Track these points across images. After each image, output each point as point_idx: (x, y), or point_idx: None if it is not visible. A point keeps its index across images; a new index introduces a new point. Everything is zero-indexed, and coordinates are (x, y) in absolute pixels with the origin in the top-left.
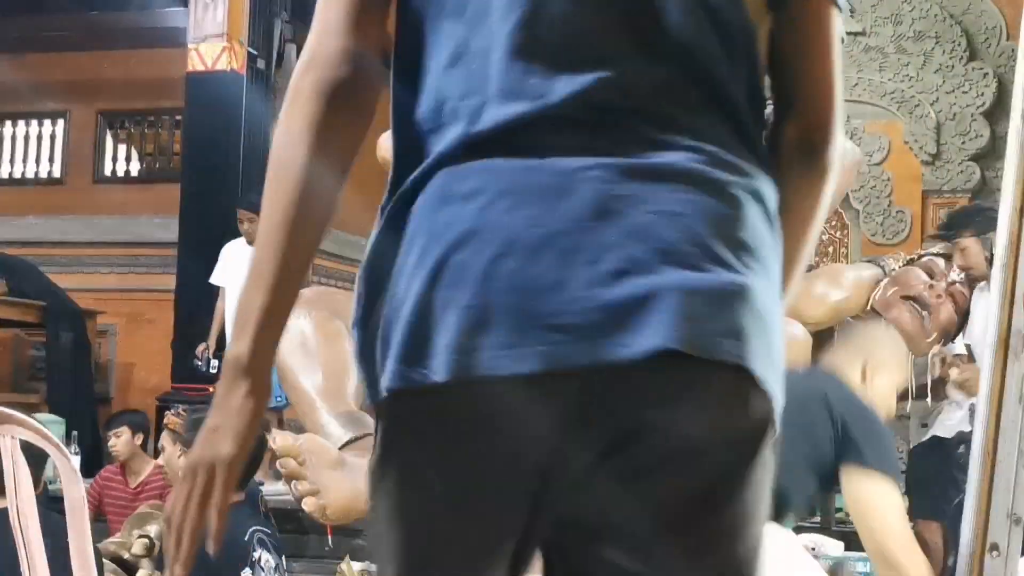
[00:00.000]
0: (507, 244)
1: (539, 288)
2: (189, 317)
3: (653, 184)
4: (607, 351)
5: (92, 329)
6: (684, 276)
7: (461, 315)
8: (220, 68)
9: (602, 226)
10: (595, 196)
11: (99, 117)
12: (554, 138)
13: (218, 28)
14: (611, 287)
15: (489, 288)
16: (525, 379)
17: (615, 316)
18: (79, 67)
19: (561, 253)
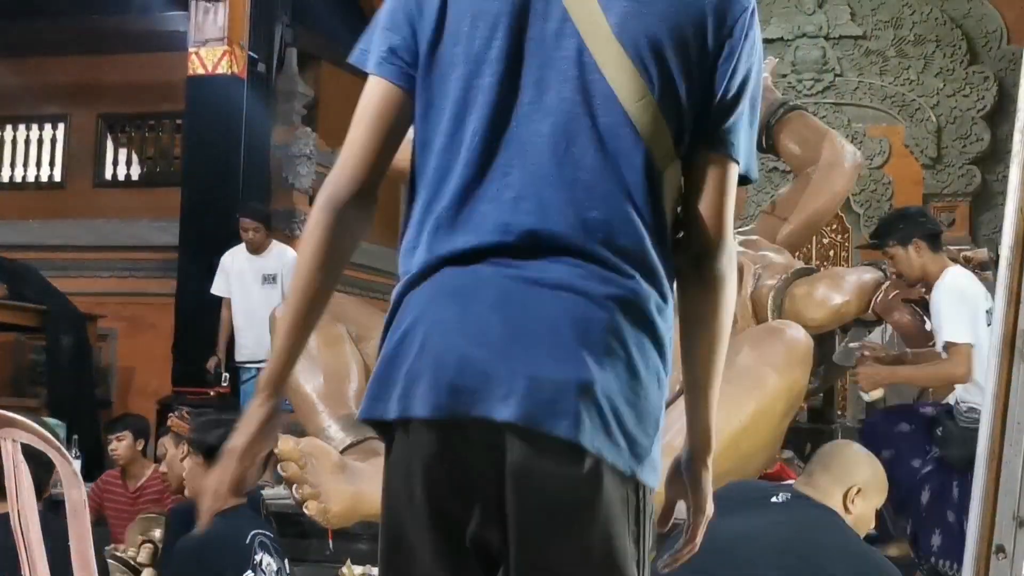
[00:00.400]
0: (434, 328)
1: (448, 360)
2: (189, 321)
3: (540, 290)
4: (477, 410)
5: (93, 333)
6: (537, 367)
7: (405, 374)
8: (221, 72)
9: (495, 319)
10: (496, 298)
11: (99, 121)
12: (481, 258)
13: (219, 32)
14: (489, 365)
15: (420, 356)
16: (432, 422)
17: (487, 385)
18: (79, 71)
19: (465, 336)
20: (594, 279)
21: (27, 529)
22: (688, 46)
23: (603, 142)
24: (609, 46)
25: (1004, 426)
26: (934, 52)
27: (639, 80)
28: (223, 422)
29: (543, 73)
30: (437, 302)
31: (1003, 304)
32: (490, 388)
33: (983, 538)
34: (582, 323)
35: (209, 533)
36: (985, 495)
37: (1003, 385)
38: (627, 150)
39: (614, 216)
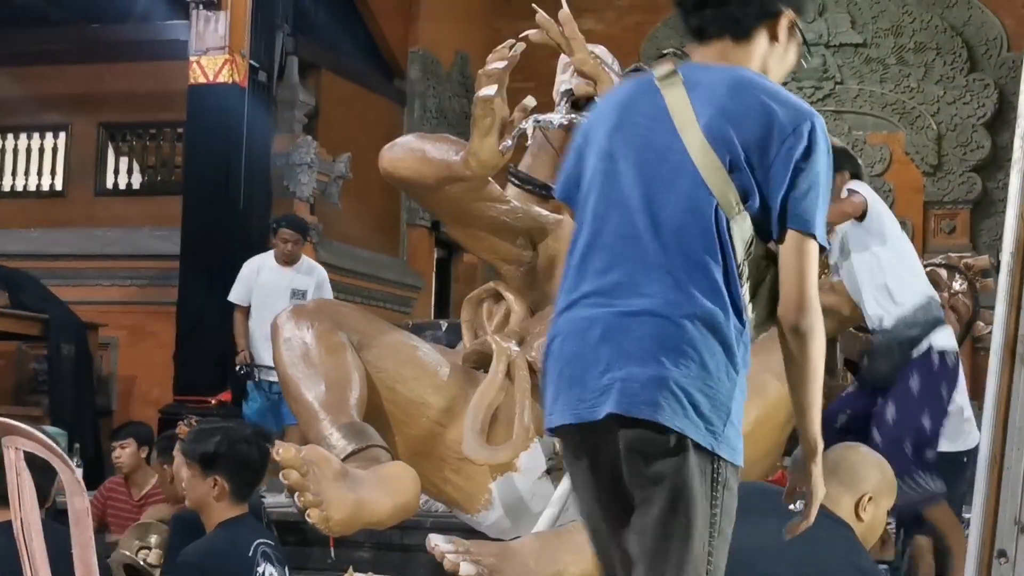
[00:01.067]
0: (563, 359)
1: (574, 378)
2: (190, 330)
3: (630, 319)
4: (594, 413)
5: (94, 342)
6: (628, 371)
7: (549, 395)
8: (222, 81)
9: (602, 345)
10: (603, 329)
11: (101, 130)
12: (588, 301)
13: (220, 41)
14: (599, 379)
15: (555, 378)
16: (572, 425)
17: (596, 390)
18: (81, 80)
19: (581, 362)
20: (671, 305)
21: (30, 537)
22: (755, 141)
23: (684, 200)
24: (696, 134)
25: (1005, 431)
26: (934, 60)
27: (714, 156)
28: (218, 430)
29: (643, 155)
30: (562, 335)
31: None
32: (598, 392)
33: (985, 543)
34: (661, 338)
35: (212, 543)
36: (987, 500)
37: (1004, 390)
38: (702, 205)
39: (691, 255)
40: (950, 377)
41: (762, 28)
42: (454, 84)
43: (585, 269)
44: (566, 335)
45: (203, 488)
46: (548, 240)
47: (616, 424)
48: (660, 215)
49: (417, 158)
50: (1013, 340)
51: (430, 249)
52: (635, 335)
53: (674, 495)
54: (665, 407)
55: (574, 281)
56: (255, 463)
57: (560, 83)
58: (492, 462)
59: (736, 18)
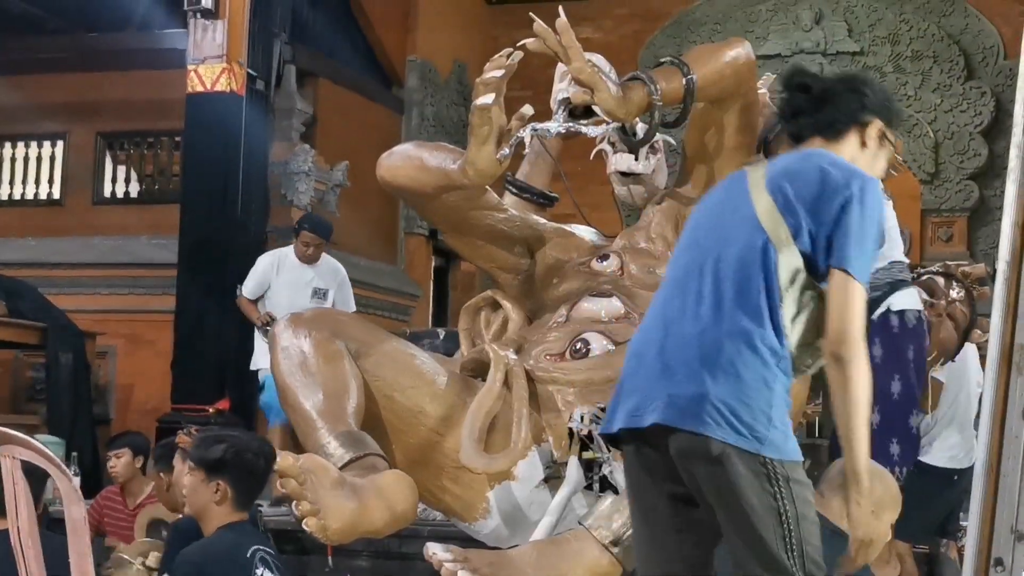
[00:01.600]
0: (626, 375)
1: (631, 390)
2: (188, 338)
3: (681, 341)
4: (643, 421)
5: (91, 350)
6: (674, 387)
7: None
8: (219, 89)
9: (659, 365)
10: (657, 349)
11: (98, 138)
12: (652, 325)
13: (217, 49)
14: (651, 392)
15: (618, 391)
16: (627, 430)
17: (647, 404)
18: (78, 88)
19: (638, 378)
20: (715, 327)
21: (26, 545)
22: (809, 191)
23: (744, 239)
24: (761, 187)
25: (1002, 440)
26: (931, 68)
27: (769, 199)
28: (224, 438)
29: (723, 213)
30: (628, 354)
31: (1000, 318)
32: (648, 405)
33: (982, 551)
34: (703, 357)
35: (212, 544)
36: (983, 508)
37: (1001, 398)
38: (755, 240)
39: (739, 282)
40: (913, 336)
41: (852, 133)
42: (452, 93)
43: (657, 299)
44: (630, 355)
45: (206, 493)
46: (546, 248)
47: (664, 434)
48: (724, 253)
49: (415, 166)
50: (1009, 349)
51: (428, 257)
52: (683, 355)
53: (727, 496)
54: (708, 420)
55: (648, 308)
56: (260, 472)
57: (557, 92)
58: (490, 470)
59: (828, 122)
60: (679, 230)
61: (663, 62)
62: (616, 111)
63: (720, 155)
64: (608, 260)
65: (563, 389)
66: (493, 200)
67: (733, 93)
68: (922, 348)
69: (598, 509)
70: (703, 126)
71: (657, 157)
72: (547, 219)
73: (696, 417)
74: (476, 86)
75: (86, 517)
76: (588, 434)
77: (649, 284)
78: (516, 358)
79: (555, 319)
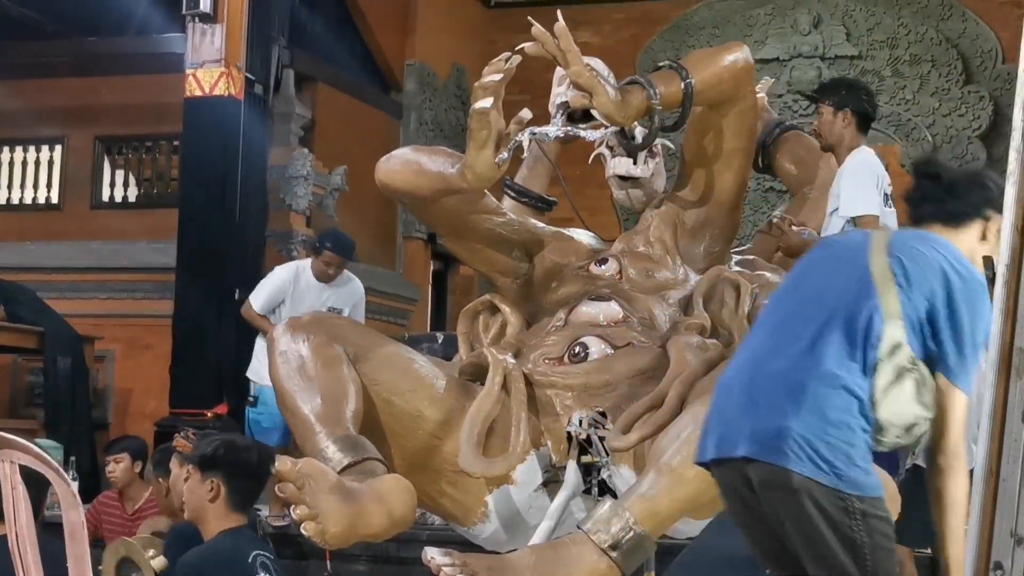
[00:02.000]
0: (716, 406)
1: (720, 421)
2: (187, 342)
3: (769, 378)
4: (732, 452)
5: (90, 355)
6: (761, 422)
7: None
8: (218, 94)
9: (744, 399)
10: (748, 384)
11: (97, 143)
12: (745, 359)
13: (216, 54)
14: (739, 425)
15: (708, 419)
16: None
17: (736, 436)
18: (77, 93)
19: (726, 410)
20: (802, 368)
21: (24, 551)
22: (929, 287)
23: (852, 292)
24: (881, 251)
25: (1002, 444)
26: (929, 72)
27: (887, 267)
28: (219, 437)
29: (833, 261)
30: (720, 386)
31: (1000, 322)
32: (735, 437)
33: (981, 555)
34: (790, 394)
35: (212, 548)
36: (983, 513)
37: (1000, 402)
38: (863, 299)
39: (841, 331)
40: None
41: (974, 225)
42: (450, 97)
43: (751, 338)
44: (720, 388)
45: (201, 491)
46: (544, 252)
47: (749, 464)
48: (829, 303)
49: (413, 170)
50: (1008, 352)
51: (426, 261)
52: (770, 391)
53: (806, 526)
54: (789, 454)
55: (741, 345)
56: (253, 469)
57: (556, 96)
58: (488, 474)
59: (951, 212)
60: (678, 234)
61: (661, 66)
62: (615, 115)
63: (719, 159)
64: (606, 264)
65: (561, 393)
66: (491, 204)
67: (732, 97)
68: None
69: (597, 513)
70: (701, 130)
71: (656, 161)
72: (545, 223)
73: (778, 451)
74: (474, 90)
75: (84, 522)
76: (587, 438)
77: (647, 288)
78: (514, 362)
79: (553, 323)
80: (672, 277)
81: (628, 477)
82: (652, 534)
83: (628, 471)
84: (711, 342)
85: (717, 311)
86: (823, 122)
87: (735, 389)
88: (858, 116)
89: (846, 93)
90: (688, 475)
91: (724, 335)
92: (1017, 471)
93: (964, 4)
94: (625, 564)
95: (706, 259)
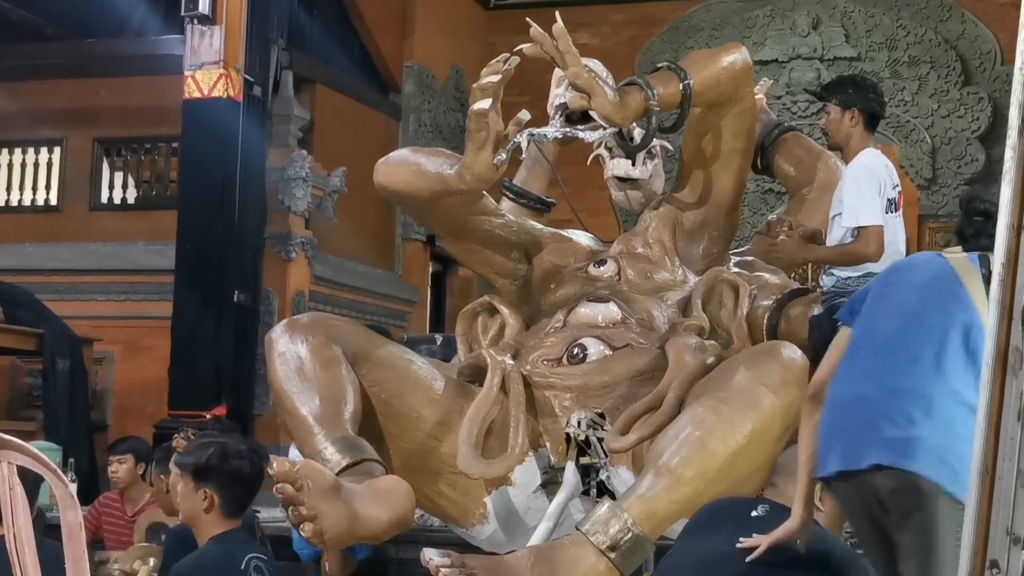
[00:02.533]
0: (834, 423)
1: (840, 436)
2: (185, 344)
3: (899, 395)
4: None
5: (89, 356)
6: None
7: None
8: (216, 95)
9: (869, 414)
10: (867, 403)
11: (95, 144)
12: (858, 375)
13: (214, 55)
14: (864, 437)
15: (826, 436)
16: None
17: (865, 449)
18: (75, 95)
19: (848, 426)
20: (931, 384)
21: (23, 551)
22: None
23: (956, 316)
24: (968, 272)
25: (997, 441)
26: (928, 73)
27: (982, 284)
28: (212, 444)
29: (927, 284)
30: (834, 404)
31: (995, 319)
32: (863, 448)
33: (977, 553)
34: (922, 408)
35: (204, 557)
36: (979, 511)
37: (996, 400)
38: (968, 322)
39: (953, 350)
40: None
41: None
42: (449, 98)
43: (857, 356)
44: (833, 406)
45: (194, 501)
46: (543, 253)
47: (878, 473)
48: (930, 318)
49: (412, 171)
50: (1004, 350)
51: (425, 263)
52: (899, 406)
53: (924, 533)
54: (920, 460)
55: (843, 364)
56: (246, 477)
57: (554, 97)
58: (487, 475)
59: None
60: (676, 235)
61: (660, 67)
62: (613, 116)
63: (717, 160)
64: (605, 265)
65: (560, 394)
66: (490, 205)
67: (730, 98)
68: None
69: (595, 514)
70: (700, 131)
71: (654, 163)
72: (543, 224)
73: (910, 457)
74: (473, 91)
75: (82, 523)
76: (585, 439)
77: (646, 289)
78: (513, 363)
79: (552, 324)
80: (671, 278)
81: (627, 478)
82: (651, 535)
83: (627, 472)
84: (710, 343)
85: (716, 312)
86: (830, 121)
87: (854, 406)
88: (866, 115)
89: (853, 91)
90: (687, 476)
91: (723, 336)
92: (1013, 469)
93: (963, 5)
94: (624, 565)
95: (705, 260)
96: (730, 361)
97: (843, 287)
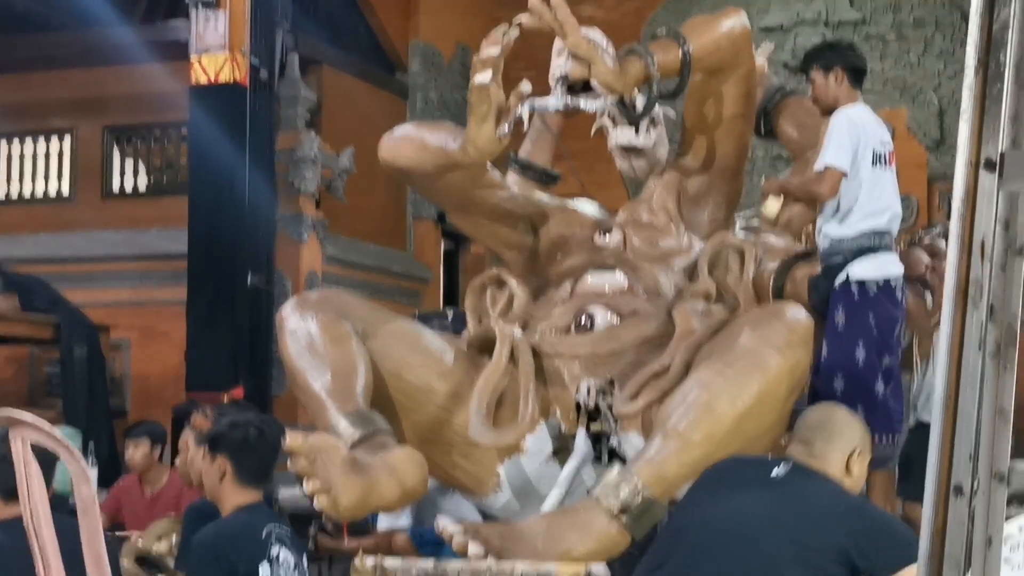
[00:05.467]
0: None
1: None
2: (201, 328)
3: None
4: None
5: (106, 343)
6: None
7: None
8: (223, 80)
9: None
10: None
11: (105, 133)
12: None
13: (220, 40)
14: None
15: None
16: None
17: None
18: (84, 84)
19: None
20: None
21: (39, 527)
22: None
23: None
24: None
25: (959, 371)
26: (934, 34)
27: None
28: (226, 415)
29: None
30: None
31: (955, 254)
32: None
33: (941, 480)
34: None
35: (226, 525)
36: (943, 438)
37: (958, 331)
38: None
39: None
40: (875, 305)
41: None
42: (455, 76)
43: None
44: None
45: (212, 472)
46: (549, 224)
47: None
48: None
49: (416, 146)
50: (965, 283)
51: (437, 241)
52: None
53: None
54: None
55: None
56: (256, 444)
57: (556, 68)
58: (498, 445)
59: None
60: (681, 201)
61: (659, 34)
62: (614, 84)
63: (719, 125)
64: (611, 234)
65: (569, 363)
66: (495, 178)
67: (730, 63)
68: (888, 317)
69: (606, 479)
70: (701, 97)
71: (657, 130)
72: (550, 196)
73: None
74: (473, 64)
75: (95, 496)
76: (595, 406)
77: (652, 256)
78: (522, 334)
79: (560, 294)
80: (676, 245)
81: (637, 443)
82: (661, 498)
83: (637, 437)
84: (716, 308)
85: (722, 277)
86: (817, 87)
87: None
88: (848, 71)
89: (830, 53)
90: (695, 439)
91: (729, 300)
92: (975, 397)
93: None
94: (635, 528)
95: (710, 226)
96: (736, 323)
97: (837, 247)
